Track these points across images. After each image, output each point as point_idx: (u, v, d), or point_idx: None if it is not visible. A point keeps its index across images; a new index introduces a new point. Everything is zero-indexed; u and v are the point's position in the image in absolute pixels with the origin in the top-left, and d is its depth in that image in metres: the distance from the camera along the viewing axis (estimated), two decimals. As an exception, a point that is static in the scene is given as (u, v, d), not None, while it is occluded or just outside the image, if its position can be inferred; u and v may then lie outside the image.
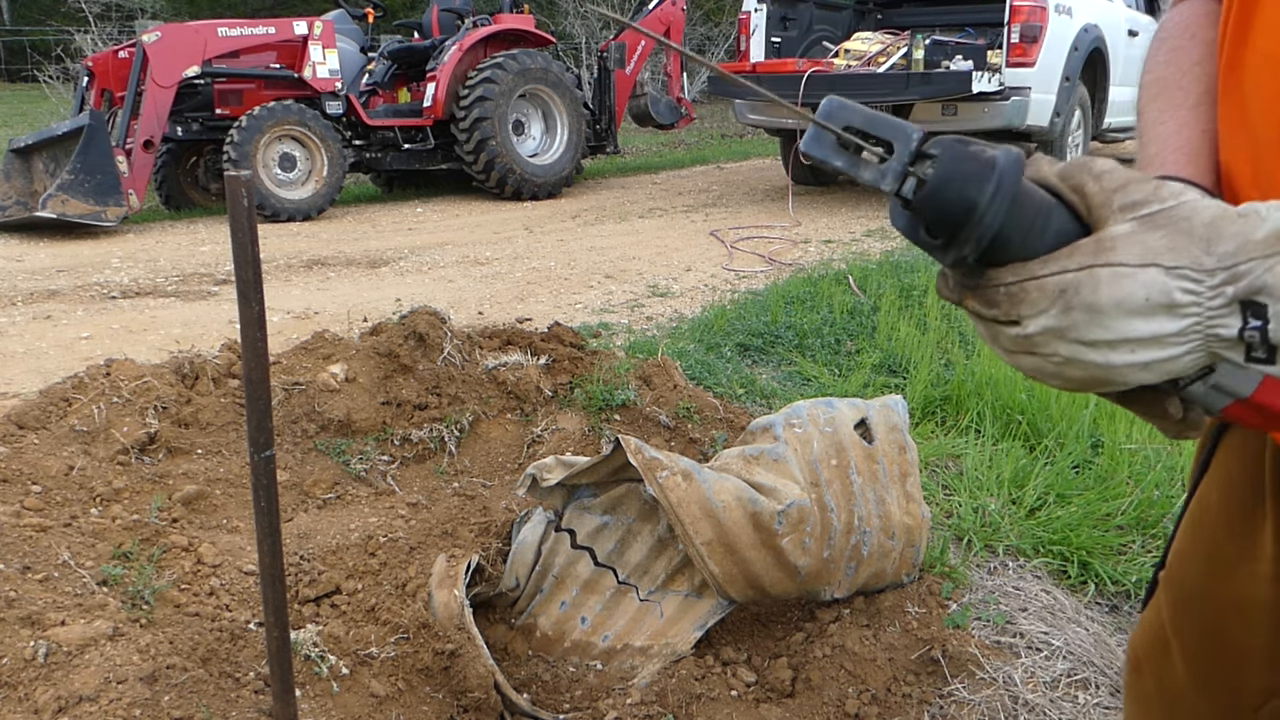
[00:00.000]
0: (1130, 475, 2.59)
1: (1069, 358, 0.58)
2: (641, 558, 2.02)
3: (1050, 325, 0.57)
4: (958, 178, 0.57)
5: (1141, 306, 0.56)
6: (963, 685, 1.82)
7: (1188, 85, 0.82)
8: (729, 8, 17.50)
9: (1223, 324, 0.56)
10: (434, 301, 3.95)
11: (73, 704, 1.41)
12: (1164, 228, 0.57)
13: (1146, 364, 0.57)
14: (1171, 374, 0.59)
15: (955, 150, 0.58)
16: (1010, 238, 0.58)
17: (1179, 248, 0.56)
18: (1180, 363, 0.58)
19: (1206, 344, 0.57)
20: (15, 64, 20.89)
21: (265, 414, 1.18)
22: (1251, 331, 0.55)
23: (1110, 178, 0.59)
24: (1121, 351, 0.57)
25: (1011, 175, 0.57)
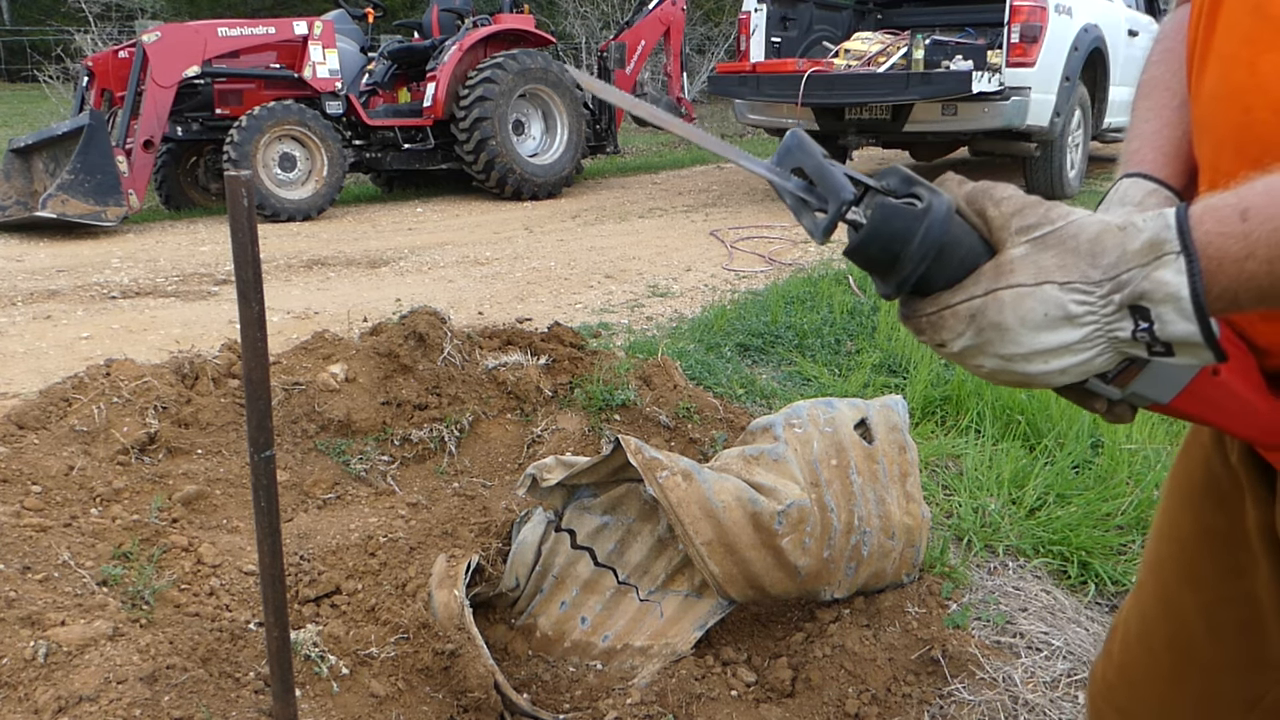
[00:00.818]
0: (1130, 475, 2.59)
1: (994, 370, 0.65)
2: (641, 558, 2.02)
3: (969, 344, 0.64)
4: (881, 235, 0.64)
5: (1043, 321, 0.62)
6: (963, 685, 1.82)
7: (1175, 86, 0.85)
8: (729, 8, 17.49)
9: (1119, 327, 0.61)
10: (434, 301, 3.95)
11: (73, 704, 1.41)
12: (1054, 247, 0.62)
13: (1063, 369, 0.63)
14: (1090, 373, 0.65)
15: (884, 210, 0.64)
16: (934, 280, 0.65)
17: (1068, 265, 0.61)
18: (1094, 364, 0.64)
19: (1112, 345, 0.63)
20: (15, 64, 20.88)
21: (265, 414, 1.18)
22: (1142, 332, 0.61)
23: (1008, 203, 0.64)
24: (1036, 362, 0.63)
25: (937, 229, 0.64)
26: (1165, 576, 0.91)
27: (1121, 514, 2.41)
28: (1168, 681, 0.90)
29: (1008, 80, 6.49)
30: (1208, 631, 0.85)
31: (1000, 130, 6.72)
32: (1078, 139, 7.57)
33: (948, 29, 7.61)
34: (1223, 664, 0.84)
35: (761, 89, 7.12)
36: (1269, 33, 0.67)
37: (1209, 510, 0.85)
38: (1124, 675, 0.96)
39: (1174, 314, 0.59)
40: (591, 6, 16.49)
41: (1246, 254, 0.58)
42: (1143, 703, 0.93)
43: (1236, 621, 0.82)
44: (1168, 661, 0.90)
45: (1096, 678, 1.02)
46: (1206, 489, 0.85)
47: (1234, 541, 0.82)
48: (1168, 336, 0.60)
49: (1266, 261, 0.57)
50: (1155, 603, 0.92)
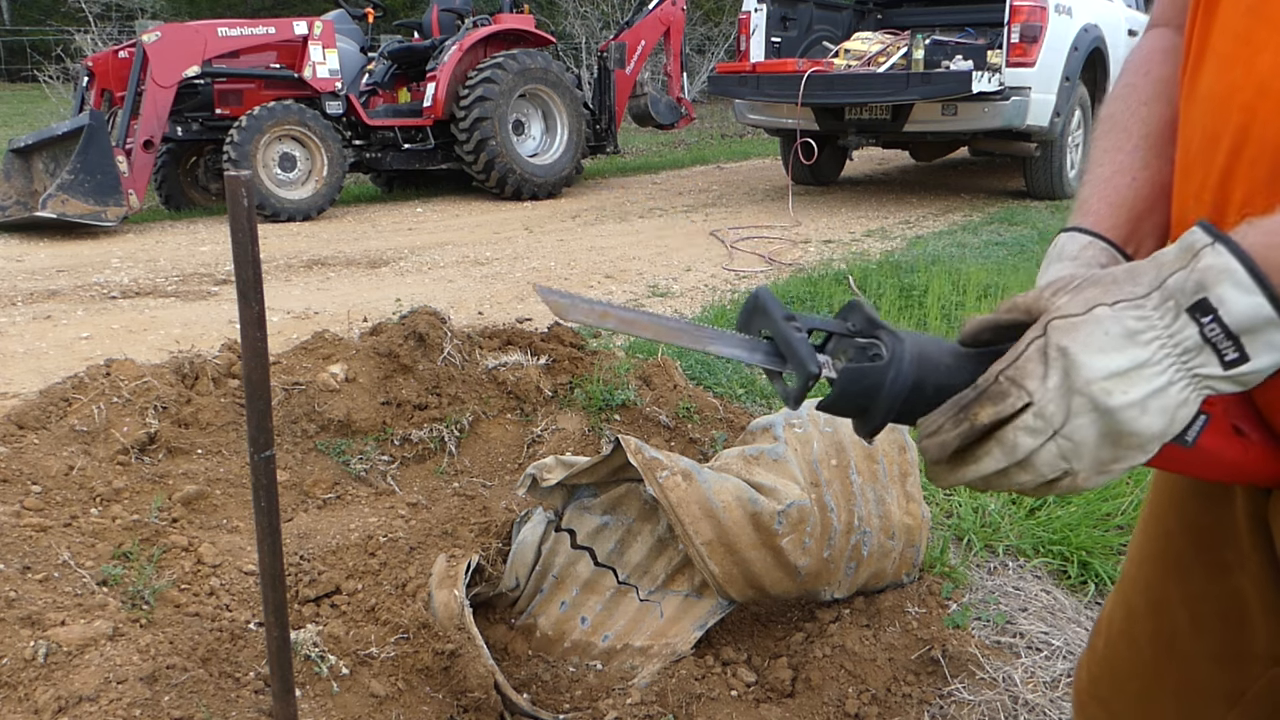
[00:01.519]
0: (1130, 475, 2.59)
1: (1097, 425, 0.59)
2: (641, 558, 2.02)
3: (1058, 380, 0.59)
4: (849, 394, 0.67)
5: (1105, 341, 0.58)
6: (963, 685, 1.82)
7: (1131, 126, 0.86)
8: (729, 8, 17.50)
9: (1184, 335, 0.58)
10: (434, 301, 3.95)
11: (73, 704, 1.41)
12: (1092, 285, 0.60)
13: (1143, 401, 0.58)
14: (1171, 412, 0.59)
15: (849, 373, 0.67)
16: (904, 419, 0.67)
17: (1111, 290, 0.60)
18: (1173, 395, 0.59)
19: (1184, 365, 0.58)
20: (15, 64, 20.89)
21: (265, 414, 1.18)
22: (1210, 327, 0.57)
23: (1034, 290, 0.64)
24: (1117, 394, 0.58)
25: (902, 384, 0.65)
26: (1150, 570, 0.91)
27: (1121, 514, 2.41)
28: (1150, 674, 0.90)
29: (1008, 80, 6.49)
30: (1191, 625, 0.85)
31: (1000, 130, 6.72)
32: (1078, 139, 7.57)
33: (948, 29, 7.61)
34: (1205, 657, 0.85)
35: (761, 89, 7.12)
36: (1266, 31, 0.67)
37: (1197, 507, 0.85)
38: (1108, 668, 0.97)
39: (1233, 290, 0.56)
40: (591, 6, 16.49)
41: None
42: (1125, 695, 0.94)
43: (1221, 616, 0.83)
44: (1150, 654, 0.90)
45: (1081, 673, 1.02)
46: (1194, 486, 0.85)
47: (1221, 536, 0.82)
48: (1234, 319, 0.56)
49: None
50: (1139, 596, 0.92)
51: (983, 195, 8.13)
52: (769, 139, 11.41)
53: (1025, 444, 0.61)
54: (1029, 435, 0.60)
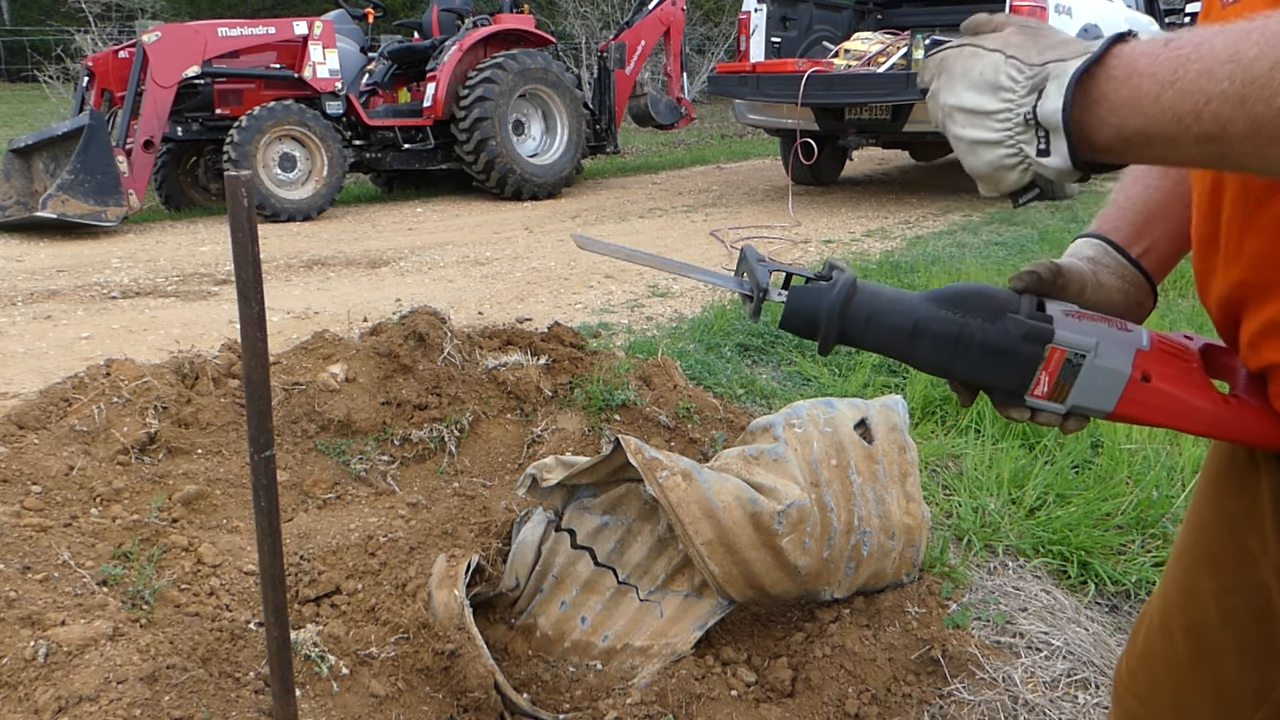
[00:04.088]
0: (1130, 475, 2.59)
1: (942, 122, 0.74)
2: (641, 558, 2.02)
3: (935, 86, 0.73)
4: (795, 310, 0.84)
5: (977, 79, 0.69)
6: (963, 685, 1.82)
7: None
8: (729, 8, 17.50)
9: (1024, 104, 0.67)
10: (434, 301, 3.95)
11: (73, 704, 1.41)
12: (1028, 34, 0.70)
13: (973, 142, 0.71)
14: (992, 165, 0.71)
15: (793, 294, 0.84)
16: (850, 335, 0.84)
17: (1024, 46, 0.69)
18: (998, 153, 0.70)
19: (1015, 138, 0.68)
20: (15, 64, 20.88)
21: (265, 414, 1.18)
22: (1029, 117, 0.68)
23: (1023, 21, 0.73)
24: (959, 121, 0.71)
25: (836, 301, 0.82)
26: (1187, 562, 0.92)
27: (1121, 514, 2.41)
28: (1184, 669, 0.91)
29: (1008, 80, 6.48)
30: (1220, 619, 0.86)
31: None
32: (1078, 139, 7.55)
33: (948, 29, 7.61)
34: (1233, 652, 0.85)
35: (761, 89, 7.12)
36: None
37: (1228, 494, 0.86)
38: (1145, 662, 0.97)
39: (1054, 89, 0.65)
40: (591, 6, 16.49)
41: (1149, 71, 0.62)
42: (1161, 689, 0.94)
43: (1249, 609, 0.83)
44: (1184, 648, 0.91)
45: (1121, 666, 1.03)
46: (1228, 472, 0.86)
47: (1248, 526, 0.82)
48: (1044, 112, 0.66)
49: (1158, 84, 0.61)
50: (1176, 589, 0.93)
51: (982, 195, 8.12)
52: (769, 139, 11.41)
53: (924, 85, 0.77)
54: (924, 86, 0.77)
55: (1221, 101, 0.57)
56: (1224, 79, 0.57)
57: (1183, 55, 0.60)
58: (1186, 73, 0.59)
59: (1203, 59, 0.58)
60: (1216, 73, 0.57)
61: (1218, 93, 0.57)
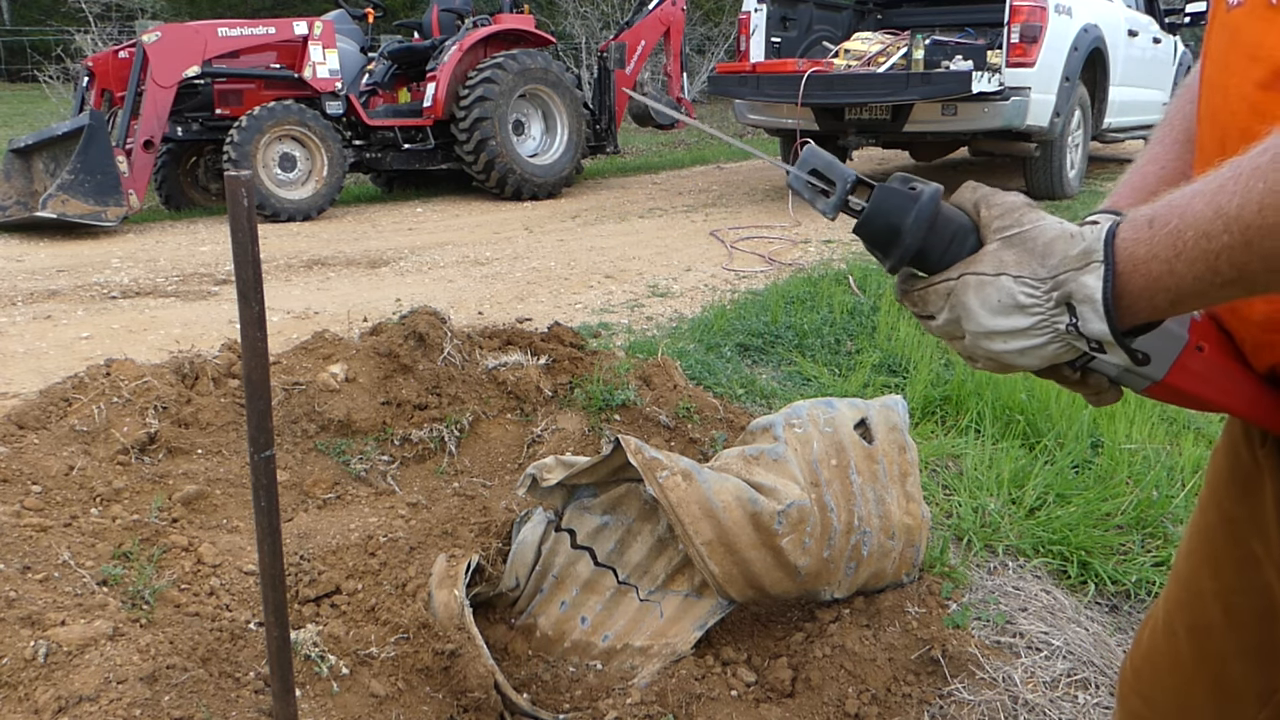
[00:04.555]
0: (1130, 475, 2.59)
1: (969, 347, 0.76)
2: (641, 558, 2.02)
3: (947, 319, 0.76)
4: (884, 209, 0.77)
5: (997, 306, 0.72)
6: (963, 685, 1.82)
7: (1175, 122, 0.94)
8: (729, 8, 17.50)
9: (1059, 320, 0.71)
10: (434, 301, 3.95)
11: (73, 704, 1.41)
12: (1016, 246, 0.73)
13: (1020, 350, 0.73)
14: (1048, 359, 0.74)
15: (885, 188, 0.78)
16: (929, 254, 0.76)
17: (1023, 261, 0.72)
18: (1048, 350, 0.73)
19: (1058, 336, 0.72)
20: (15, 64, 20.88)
21: (265, 414, 1.18)
22: (1072, 328, 0.71)
23: (997, 207, 0.75)
24: (996, 341, 0.73)
25: (927, 207, 0.76)
26: (1192, 565, 0.93)
27: (1121, 514, 2.41)
28: (1188, 669, 0.92)
29: (1008, 80, 6.48)
30: (1225, 620, 0.87)
31: (1000, 130, 6.72)
32: (1078, 139, 7.57)
33: (948, 29, 7.61)
34: (1238, 653, 0.86)
35: (761, 89, 7.12)
36: (1238, 59, 0.72)
37: (1232, 498, 0.87)
38: (1149, 661, 0.98)
39: (1091, 314, 0.69)
40: (591, 6, 16.49)
41: (1150, 256, 0.66)
42: (1165, 690, 0.95)
43: (1253, 611, 0.84)
44: (1188, 648, 0.92)
45: (1126, 665, 1.04)
46: (1232, 477, 0.87)
47: (1253, 530, 0.83)
48: (1089, 333, 0.70)
49: (1165, 262, 0.65)
50: (1181, 590, 0.94)
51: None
52: (769, 139, 11.40)
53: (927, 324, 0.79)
54: (928, 323, 0.79)
55: (1230, 252, 0.62)
56: (1221, 234, 0.62)
57: (1172, 229, 0.65)
58: (1185, 243, 0.64)
59: (1193, 225, 0.64)
60: (1212, 232, 0.62)
61: (1223, 246, 0.62)
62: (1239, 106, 0.72)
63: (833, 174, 0.80)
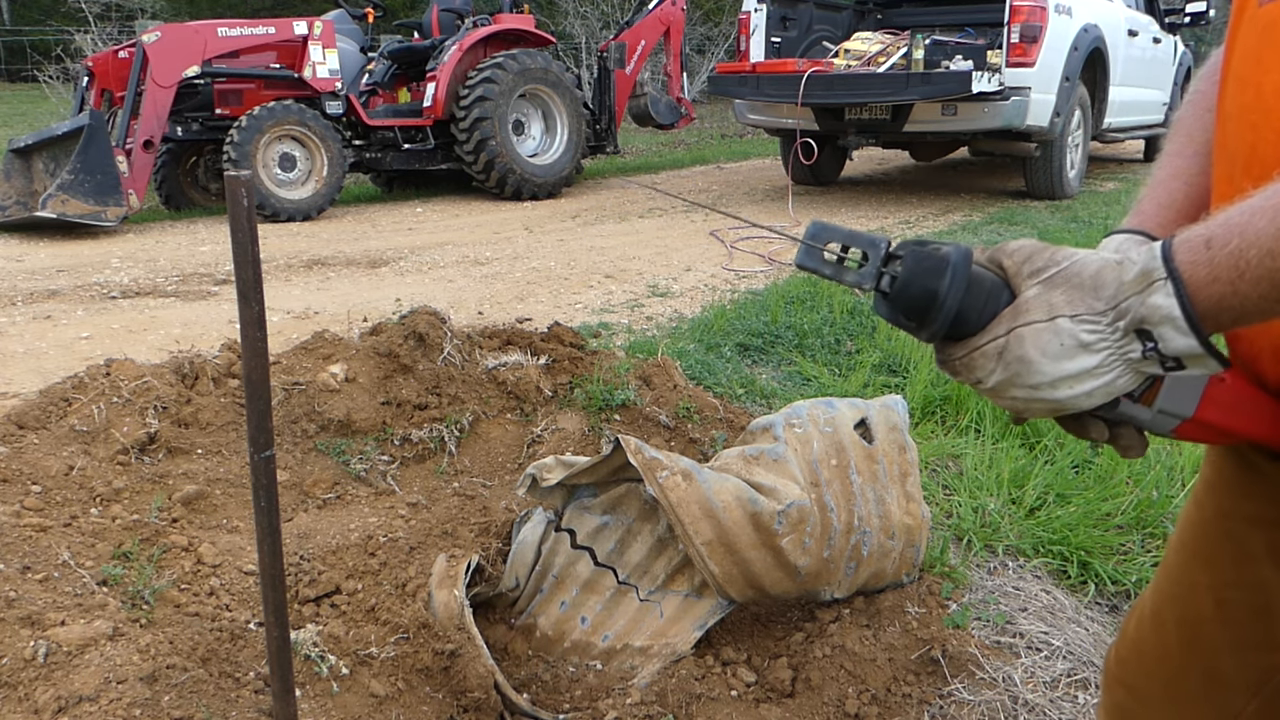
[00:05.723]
0: (1130, 475, 2.59)
1: (1027, 399, 0.72)
2: (641, 558, 2.02)
3: (1001, 379, 0.71)
4: (920, 273, 0.72)
5: (1060, 351, 0.69)
6: (963, 685, 1.82)
7: (1194, 133, 0.91)
8: (729, 8, 17.50)
9: (1130, 350, 0.68)
10: (434, 301, 3.95)
11: (73, 704, 1.41)
12: (1061, 285, 0.70)
13: (1089, 392, 0.70)
14: (1116, 393, 0.71)
15: (916, 252, 0.73)
16: (968, 316, 0.72)
17: (1075, 299, 0.69)
18: (1118, 384, 0.70)
19: (1129, 366, 0.69)
20: (15, 64, 20.89)
21: (265, 414, 1.18)
22: (1150, 352, 0.68)
23: (1019, 253, 0.73)
24: (1063, 388, 0.70)
25: (962, 266, 0.71)
26: (1184, 557, 0.93)
27: (1121, 514, 2.41)
28: (1176, 659, 0.92)
29: (1008, 80, 6.49)
30: (1216, 613, 0.87)
31: (1000, 130, 6.72)
32: (1078, 139, 7.57)
33: (948, 29, 7.61)
34: (1228, 646, 0.86)
35: (761, 89, 7.12)
36: (1272, 54, 0.71)
37: (1228, 493, 0.87)
38: (1135, 651, 0.99)
39: (1173, 332, 0.66)
40: (591, 6, 16.49)
41: (1212, 279, 0.64)
42: (1151, 679, 0.96)
43: (1246, 605, 0.85)
44: (1176, 640, 0.92)
45: (1110, 655, 1.04)
46: (1228, 471, 0.87)
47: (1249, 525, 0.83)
48: (1172, 352, 0.67)
49: (1229, 284, 0.64)
50: (1171, 582, 0.94)
51: (983, 195, 8.13)
52: (769, 139, 11.40)
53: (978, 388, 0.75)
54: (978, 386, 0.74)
55: None
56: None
57: (1234, 250, 0.64)
58: (1248, 263, 0.63)
59: (1256, 244, 0.62)
60: (1277, 250, 0.62)
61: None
62: (1275, 103, 0.70)
63: (859, 244, 0.75)
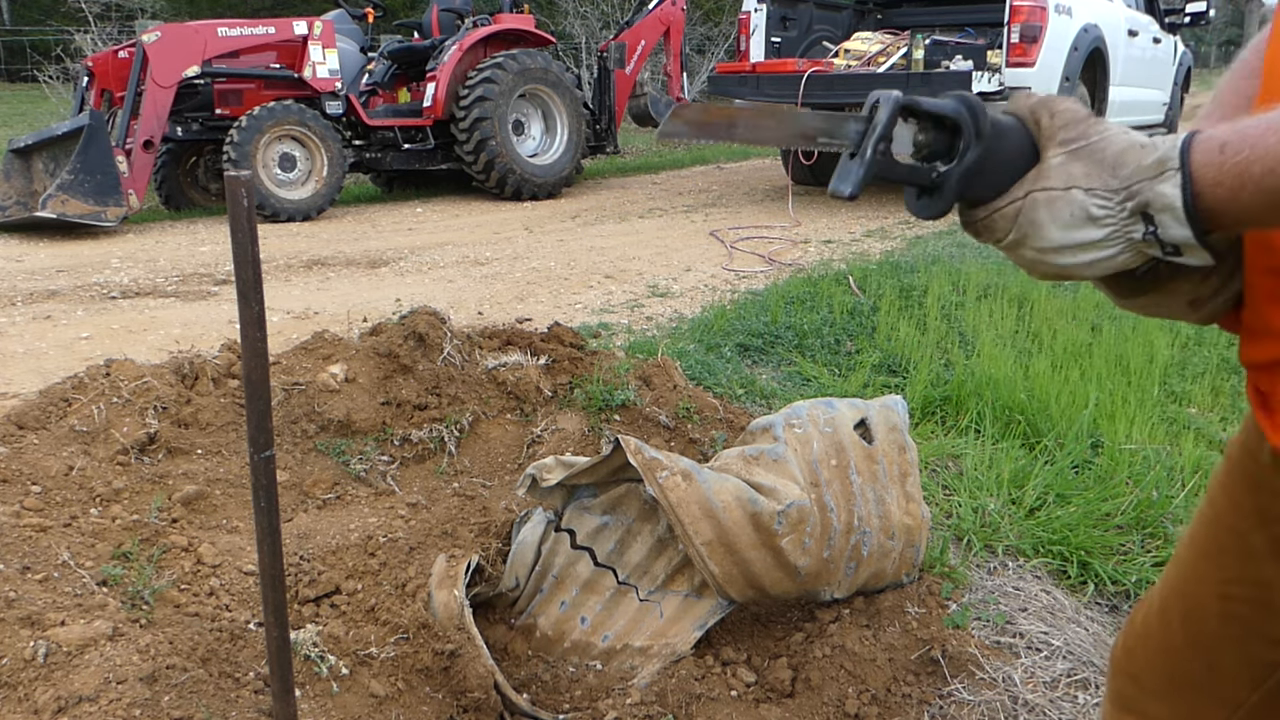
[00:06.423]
0: (1130, 475, 2.59)
1: (1033, 260, 0.76)
2: (641, 558, 2.02)
3: (1014, 239, 0.76)
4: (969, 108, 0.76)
5: (1069, 220, 0.72)
6: (962, 685, 1.82)
7: (1253, 61, 0.92)
8: (729, 8, 17.49)
9: (1133, 229, 0.72)
10: (434, 301, 3.95)
11: (73, 704, 1.41)
12: (1084, 158, 0.73)
13: (1090, 262, 0.74)
14: (1116, 268, 0.75)
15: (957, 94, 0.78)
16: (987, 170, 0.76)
17: (1093, 174, 0.72)
18: (1118, 260, 0.74)
19: (1130, 245, 0.72)
20: (15, 64, 20.88)
21: (265, 414, 1.18)
22: (1149, 235, 0.71)
23: (1060, 116, 0.75)
24: (1065, 255, 0.74)
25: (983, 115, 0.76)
26: (1194, 552, 0.94)
27: (1121, 514, 2.41)
28: (1179, 651, 0.93)
29: (1007, 80, 6.48)
30: (1221, 608, 0.88)
31: (1000, 130, 6.71)
32: (1078, 139, 7.55)
33: (948, 29, 7.61)
34: (1232, 641, 0.87)
35: (761, 89, 7.12)
36: None
37: (1241, 491, 0.88)
38: (1141, 642, 0.99)
39: (1171, 220, 0.69)
40: (591, 6, 16.48)
41: (1216, 182, 0.67)
42: (1155, 670, 0.96)
43: (1250, 601, 0.86)
44: (1181, 632, 0.93)
45: (1117, 646, 1.05)
46: (1243, 470, 0.88)
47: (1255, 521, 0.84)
48: (1169, 239, 0.70)
49: (1230, 190, 0.67)
50: (1180, 576, 0.95)
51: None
52: (769, 139, 11.37)
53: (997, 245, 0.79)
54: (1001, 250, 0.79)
55: None
56: None
57: (1243, 160, 0.66)
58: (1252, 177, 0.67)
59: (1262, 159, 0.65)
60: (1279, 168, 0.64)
61: None
62: None
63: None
